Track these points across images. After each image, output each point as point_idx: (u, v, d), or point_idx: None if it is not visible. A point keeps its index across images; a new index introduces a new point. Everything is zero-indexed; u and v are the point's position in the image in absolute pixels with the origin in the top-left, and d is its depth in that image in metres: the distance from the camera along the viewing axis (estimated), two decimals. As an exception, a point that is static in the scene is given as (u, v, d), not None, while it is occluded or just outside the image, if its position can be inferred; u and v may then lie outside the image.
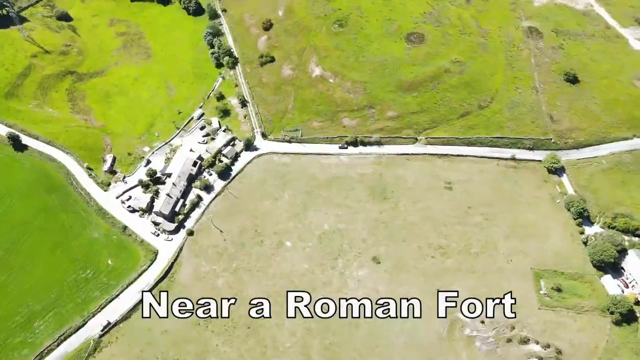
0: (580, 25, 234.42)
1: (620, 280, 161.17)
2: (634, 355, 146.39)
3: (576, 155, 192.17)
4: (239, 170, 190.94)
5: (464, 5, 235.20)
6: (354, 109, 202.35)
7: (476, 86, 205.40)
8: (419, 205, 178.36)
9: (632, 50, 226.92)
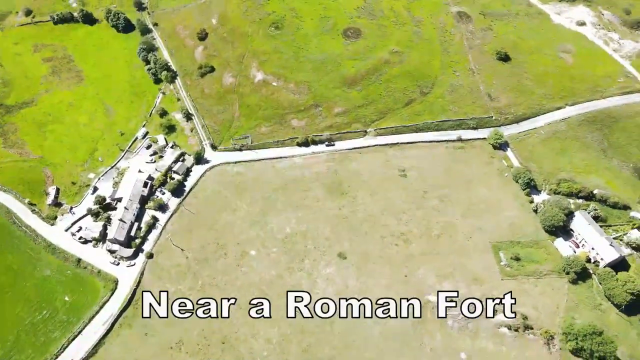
0: (505, 5, 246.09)
1: (571, 241, 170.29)
2: (592, 309, 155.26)
3: (517, 129, 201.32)
4: (192, 185, 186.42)
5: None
6: (300, 109, 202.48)
7: (416, 74, 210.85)
8: (377, 196, 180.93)
9: (554, 25, 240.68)
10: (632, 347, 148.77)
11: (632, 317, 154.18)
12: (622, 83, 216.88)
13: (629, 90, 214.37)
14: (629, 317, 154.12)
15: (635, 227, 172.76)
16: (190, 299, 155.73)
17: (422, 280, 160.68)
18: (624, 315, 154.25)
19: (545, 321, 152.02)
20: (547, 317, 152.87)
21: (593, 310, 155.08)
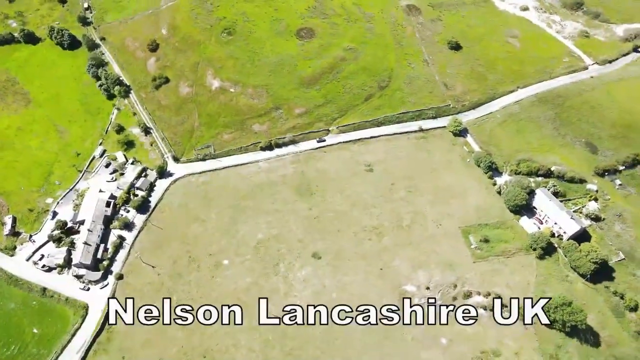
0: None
1: (535, 218, 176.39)
2: (560, 281, 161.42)
3: (474, 115, 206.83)
4: (157, 200, 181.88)
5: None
6: (261, 113, 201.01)
7: (373, 69, 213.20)
8: (346, 193, 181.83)
9: (500, 12, 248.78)
10: (601, 313, 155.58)
11: (598, 284, 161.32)
12: (567, 63, 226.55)
13: (574, 69, 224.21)
14: (594, 285, 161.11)
15: (592, 199, 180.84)
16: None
17: (398, 272, 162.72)
18: (589, 284, 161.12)
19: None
20: (519, 294, 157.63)
21: (561, 283, 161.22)
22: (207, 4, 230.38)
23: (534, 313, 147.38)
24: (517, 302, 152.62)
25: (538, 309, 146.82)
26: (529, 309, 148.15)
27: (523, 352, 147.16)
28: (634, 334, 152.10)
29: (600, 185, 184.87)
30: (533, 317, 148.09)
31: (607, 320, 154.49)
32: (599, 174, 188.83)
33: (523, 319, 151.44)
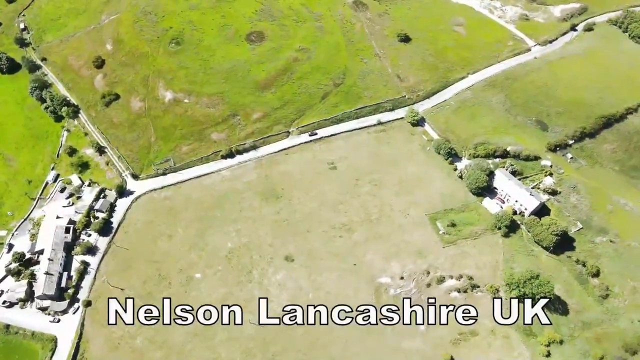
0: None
1: (497, 198, 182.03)
2: (526, 256, 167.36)
3: (429, 103, 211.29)
4: (120, 220, 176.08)
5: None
6: (218, 121, 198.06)
7: (326, 67, 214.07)
8: (312, 193, 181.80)
9: (444, 1, 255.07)
10: (566, 282, 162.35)
11: (561, 255, 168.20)
12: (511, 46, 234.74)
13: (519, 51, 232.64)
14: (558, 257, 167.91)
15: (548, 174, 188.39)
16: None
17: (371, 265, 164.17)
18: (553, 256, 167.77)
19: (488, 277, 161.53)
20: (489, 273, 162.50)
21: (527, 257, 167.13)
22: (151, 15, 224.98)
23: (534, 313, 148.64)
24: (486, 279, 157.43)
25: (538, 309, 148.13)
26: (529, 309, 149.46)
27: (498, 328, 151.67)
28: (598, 299, 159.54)
29: (554, 161, 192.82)
30: (533, 317, 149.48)
31: (572, 288, 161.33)
32: (551, 150, 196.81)
33: (495, 297, 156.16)
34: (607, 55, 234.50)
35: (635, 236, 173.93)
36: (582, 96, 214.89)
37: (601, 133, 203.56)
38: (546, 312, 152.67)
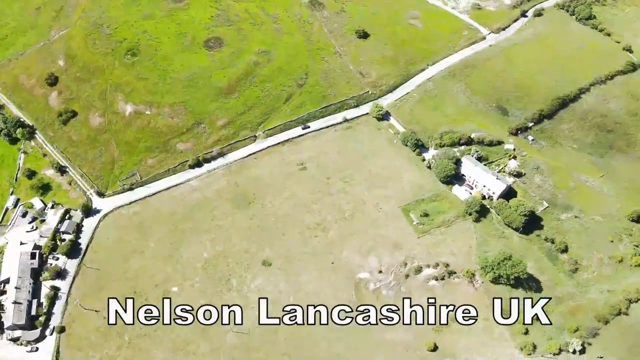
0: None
1: (465, 185, 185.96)
2: (498, 239, 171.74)
3: (393, 97, 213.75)
4: (88, 240, 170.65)
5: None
6: (183, 131, 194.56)
7: (288, 68, 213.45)
8: (284, 196, 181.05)
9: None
10: (537, 260, 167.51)
11: (530, 235, 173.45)
12: (467, 36, 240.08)
13: (474, 40, 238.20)
14: (528, 236, 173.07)
15: (511, 157, 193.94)
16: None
17: (349, 262, 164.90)
18: (523, 236, 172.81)
19: (464, 262, 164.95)
20: (464, 259, 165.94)
21: (499, 240, 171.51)
22: (104, 28, 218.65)
23: (534, 313, 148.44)
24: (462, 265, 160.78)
25: (538, 309, 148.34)
26: (529, 309, 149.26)
27: (478, 312, 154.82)
28: (568, 273, 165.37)
29: (516, 144, 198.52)
30: (533, 317, 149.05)
31: (544, 266, 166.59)
32: (513, 134, 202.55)
33: (472, 282, 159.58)
34: (557, 39, 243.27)
35: (597, 210, 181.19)
36: (538, 80, 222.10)
37: (558, 114, 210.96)
38: (525, 292, 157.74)
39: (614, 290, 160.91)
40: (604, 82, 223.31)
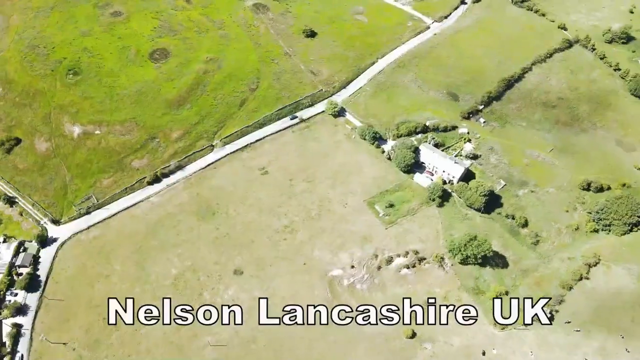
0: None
1: (426, 172, 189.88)
2: (462, 221, 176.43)
3: (346, 93, 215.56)
4: (47, 271, 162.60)
5: (187, 7, 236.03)
6: (136, 148, 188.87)
7: (239, 74, 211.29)
8: (248, 202, 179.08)
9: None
10: (501, 237, 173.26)
11: (492, 213, 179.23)
12: (411, 26, 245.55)
13: (419, 30, 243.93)
14: (490, 215, 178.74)
15: (466, 140, 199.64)
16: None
17: (321, 261, 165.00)
18: (485, 215, 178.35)
19: (432, 248, 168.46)
20: (432, 244, 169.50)
21: (463, 222, 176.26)
22: (40, 49, 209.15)
23: (534, 313, 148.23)
24: (431, 250, 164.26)
25: (538, 309, 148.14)
26: (529, 309, 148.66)
27: (450, 294, 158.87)
28: (530, 246, 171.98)
29: (469, 127, 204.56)
30: (533, 317, 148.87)
31: (507, 242, 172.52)
32: (466, 118, 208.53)
33: (442, 265, 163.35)
34: (497, 23, 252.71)
35: (551, 183, 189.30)
36: (483, 64, 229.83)
37: (505, 94, 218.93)
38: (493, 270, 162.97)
39: (574, 257, 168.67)
40: (544, 60, 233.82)
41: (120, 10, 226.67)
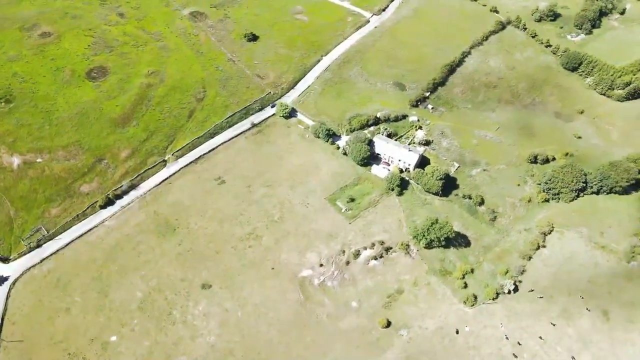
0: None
1: (382, 163, 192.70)
2: (422, 207, 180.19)
3: (295, 93, 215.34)
4: (1, 312, 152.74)
5: (121, 21, 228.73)
6: (84, 172, 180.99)
7: (183, 85, 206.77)
8: (208, 214, 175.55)
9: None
10: (461, 217, 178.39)
11: (450, 196, 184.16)
12: (352, 22, 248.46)
13: (360, 25, 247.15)
14: (448, 198, 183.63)
15: (418, 128, 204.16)
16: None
17: (289, 264, 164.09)
18: (444, 198, 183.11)
19: (397, 237, 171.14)
20: (396, 233, 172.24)
21: (423, 207, 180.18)
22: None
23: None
24: (396, 239, 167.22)
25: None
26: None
27: (419, 279, 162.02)
28: (489, 222, 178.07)
29: (419, 114, 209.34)
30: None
31: (467, 221, 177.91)
32: (414, 106, 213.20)
33: (408, 252, 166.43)
34: (433, 11, 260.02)
35: (501, 160, 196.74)
36: (424, 52, 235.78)
37: (449, 80, 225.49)
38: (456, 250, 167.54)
39: (530, 228, 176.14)
40: (481, 43, 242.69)
41: (49, 30, 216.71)
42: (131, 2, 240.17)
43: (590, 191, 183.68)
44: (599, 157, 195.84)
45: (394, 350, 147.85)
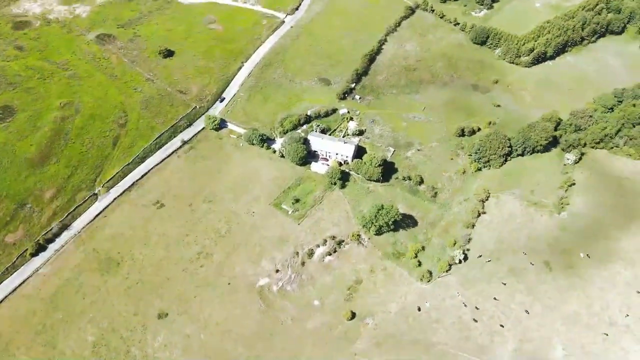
0: (134, 10, 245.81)
1: (321, 160, 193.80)
2: (366, 195, 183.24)
3: (222, 104, 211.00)
4: None
5: (21, 55, 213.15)
6: (6, 221, 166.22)
7: (102, 112, 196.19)
8: (152, 241, 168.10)
9: (186, 5, 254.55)
10: (404, 199, 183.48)
11: (391, 180, 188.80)
12: (267, 24, 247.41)
13: (275, 27, 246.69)
14: (389, 182, 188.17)
15: (349, 119, 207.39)
16: None
17: (245, 275, 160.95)
18: (386, 184, 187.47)
19: (347, 229, 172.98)
20: (346, 225, 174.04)
21: (368, 195, 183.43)
22: None
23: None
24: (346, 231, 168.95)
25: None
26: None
27: (375, 266, 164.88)
28: (431, 199, 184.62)
29: (348, 106, 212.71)
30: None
31: (411, 202, 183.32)
32: (342, 98, 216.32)
33: (360, 242, 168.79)
34: (344, 4, 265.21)
35: (431, 138, 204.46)
36: (342, 45, 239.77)
37: (371, 68, 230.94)
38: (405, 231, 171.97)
39: (469, 198, 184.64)
40: (395, 30, 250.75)
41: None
42: (29, 33, 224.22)
43: (516, 154, 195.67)
44: (518, 121, 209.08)
45: (362, 340, 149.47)
